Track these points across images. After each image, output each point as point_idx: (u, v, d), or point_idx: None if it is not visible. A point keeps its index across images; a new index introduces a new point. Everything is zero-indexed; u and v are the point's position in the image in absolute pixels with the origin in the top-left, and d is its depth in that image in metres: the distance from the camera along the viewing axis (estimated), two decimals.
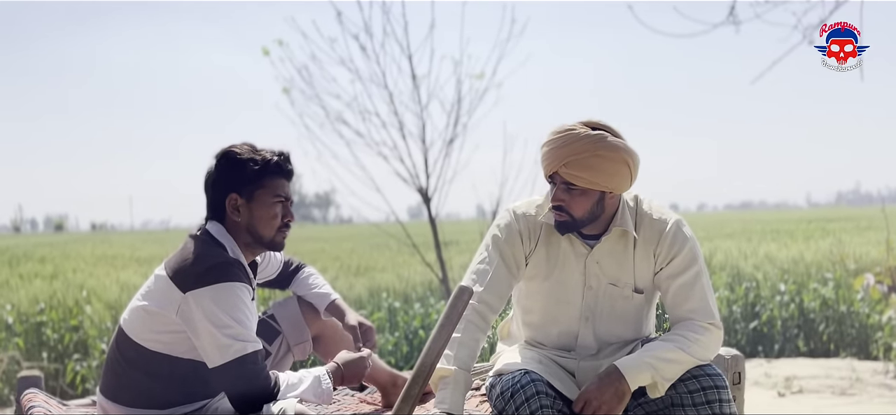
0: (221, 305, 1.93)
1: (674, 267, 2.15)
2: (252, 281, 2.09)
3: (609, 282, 2.18)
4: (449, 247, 7.65)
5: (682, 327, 2.10)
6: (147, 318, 2.01)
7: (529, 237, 2.20)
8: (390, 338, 6.45)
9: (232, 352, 1.93)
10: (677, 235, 2.17)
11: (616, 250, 2.18)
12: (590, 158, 2.03)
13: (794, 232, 15.51)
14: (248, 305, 2.00)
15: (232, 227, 2.09)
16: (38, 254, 14.51)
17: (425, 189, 5.53)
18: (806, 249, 10.43)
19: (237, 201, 2.08)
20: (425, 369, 1.82)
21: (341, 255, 13.49)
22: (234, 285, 1.96)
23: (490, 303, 2.14)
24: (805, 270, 8.45)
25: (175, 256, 2.04)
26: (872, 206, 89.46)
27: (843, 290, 7.24)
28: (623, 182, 2.10)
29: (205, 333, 1.94)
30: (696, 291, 2.13)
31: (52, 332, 6.59)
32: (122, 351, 2.06)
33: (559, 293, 2.20)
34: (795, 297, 7.43)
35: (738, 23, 4.51)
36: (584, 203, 2.09)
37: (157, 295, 2.01)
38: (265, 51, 4.87)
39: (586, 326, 2.21)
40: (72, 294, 7.57)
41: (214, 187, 2.10)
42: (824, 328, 7.16)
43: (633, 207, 2.21)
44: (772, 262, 9.08)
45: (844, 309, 7.07)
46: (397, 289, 8.20)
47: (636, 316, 2.23)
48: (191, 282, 1.95)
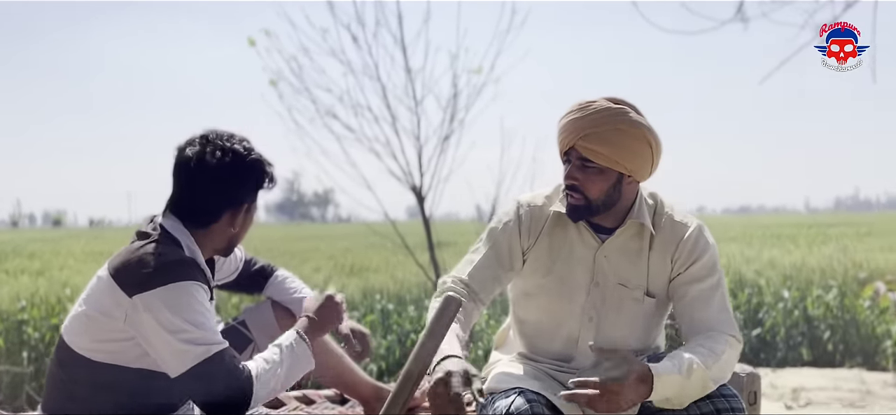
0: (175, 309, 1.71)
1: (693, 272, 1.96)
2: (210, 281, 1.87)
3: (618, 281, 1.99)
4: (445, 248, 7.45)
5: (704, 338, 1.88)
6: (90, 325, 1.79)
7: (530, 230, 2.02)
8: (383, 341, 6.27)
9: (193, 357, 1.71)
10: (699, 239, 1.99)
11: (630, 248, 1.99)
12: (610, 131, 1.87)
13: (796, 237, 15.35)
14: (205, 305, 1.78)
15: (202, 231, 1.86)
16: (29, 250, 14.31)
17: (419, 187, 5.32)
18: (808, 254, 10.25)
19: (241, 214, 1.88)
20: (410, 380, 1.63)
21: (336, 254, 13.29)
22: (187, 284, 1.74)
23: (471, 287, 1.99)
24: (808, 276, 8.26)
25: (120, 255, 1.81)
26: (871, 212, 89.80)
27: (848, 297, 7.06)
28: (644, 165, 1.92)
29: (159, 341, 1.72)
30: (715, 300, 1.94)
31: (34, 330, 6.37)
32: (62, 363, 1.84)
33: (561, 289, 2.01)
34: (799, 304, 7.25)
35: (746, 20, 4.40)
36: (600, 184, 1.91)
37: (100, 299, 1.78)
38: (251, 41, 4.67)
39: (589, 327, 2.01)
40: (55, 291, 7.36)
41: (215, 189, 1.83)
42: (830, 337, 6.98)
43: (652, 204, 2.03)
44: (774, 267, 8.89)
45: (849, 317, 6.89)
46: (391, 290, 8.00)
47: (645, 323, 2.04)
48: (138, 284, 1.72)
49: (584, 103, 1.93)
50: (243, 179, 1.84)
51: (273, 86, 4.98)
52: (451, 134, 5.34)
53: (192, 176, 1.82)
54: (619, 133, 1.88)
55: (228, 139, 1.85)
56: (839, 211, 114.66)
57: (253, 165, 1.85)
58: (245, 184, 1.85)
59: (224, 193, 1.84)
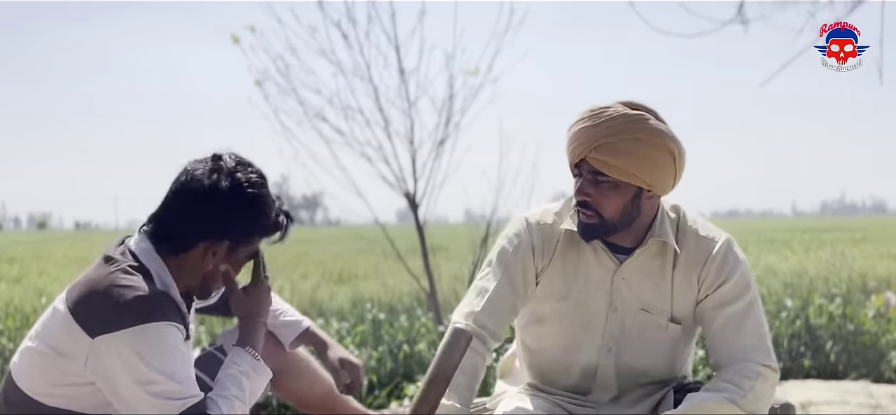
0: (145, 355, 1.47)
1: (723, 294, 1.74)
2: (186, 317, 1.62)
3: (640, 306, 1.78)
4: (437, 253, 7.24)
5: (732, 373, 1.68)
6: (43, 364, 1.54)
7: (543, 250, 1.79)
8: (374, 352, 6.04)
9: (165, 412, 1.48)
10: (728, 256, 1.76)
11: (651, 268, 1.77)
12: (627, 141, 1.64)
13: (790, 242, 15.25)
14: (180, 350, 1.54)
15: (174, 258, 1.61)
16: (10, 254, 13.97)
17: (412, 194, 5.09)
18: (807, 260, 10.10)
19: (218, 251, 1.62)
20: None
21: (325, 260, 13.04)
22: (159, 326, 1.49)
23: (487, 326, 1.74)
24: (809, 283, 8.09)
25: (81, 284, 1.56)
26: (857, 216, 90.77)
27: (851, 306, 6.88)
28: (665, 178, 1.69)
29: (126, 392, 1.48)
30: (748, 325, 1.72)
31: (8, 341, 6.09)
32: (10, 403, 1.58)
33: (577, 316, 1.79)
34: (801, 313, 7.07)
35: (746, 21, 4.28)
36: (615, 200, 1.69)
37: (56, 336, 1.53)
38: (235, 38, 4.43)
39: (608, 357, 1.80)
40: (31, 301, 7.07)
41: (198, 211, 1.58)
42: (832, 347, 6.79)
43: (674, 218, 1.80)
44: (775, 275, 8.72)
45: (853, 327, 6.71)
46: (382, 299, 7.76)
47: (670, 351, 1.82)
48: (102, 323, 1.48)
49: (597, 109, 1.70)
50: (234, 211, 1.59)
51: (258, 86, 4.73)
52: (447, 138, 5.11)
53: (180, 192, 1.60)
54: (637, 143, 1.65)
55: (238, 165, 1.61)
56: (826, 215, 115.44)
57: (252, 202, 1.59)
58: (233, 217, 1.59)
59: (205, 219, 1.58)
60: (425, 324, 5.96)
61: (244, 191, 1.58)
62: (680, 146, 1.70)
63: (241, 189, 1.58)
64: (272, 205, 1.63)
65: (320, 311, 7.25)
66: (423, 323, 6.09)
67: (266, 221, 1.63)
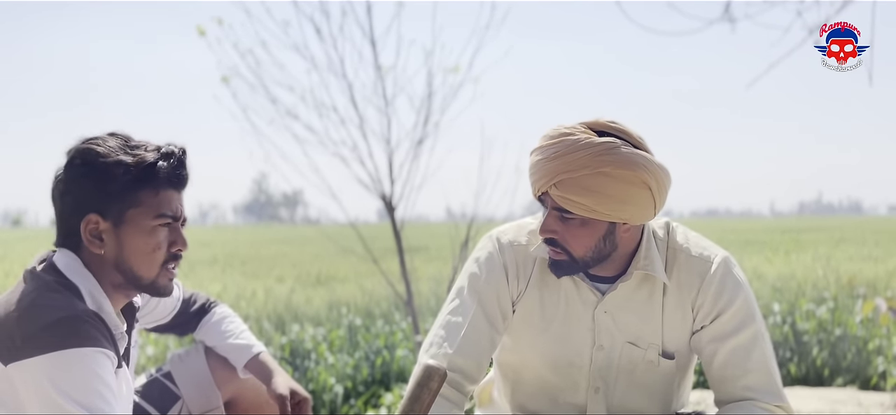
0: (62, 385, 1.26)
1: (722, 326, 1.54)
2: (118, 341, 1.41)
3: (627, 340, 1.57)
4: (416, 254, 7.02)
5: (737, 410, 1.50)
6: None
7: (517, 275, 1.57)
8: (350, 359, 5.83)
9: None
10: (726, 280, 1.55)
11: (637, 299, 1.56)
12: (591, 176, 1.41)
13: (772, 243, 15.23)
14: (106, 380, 1.32)
15: (92, 260, 1.42)
16: None
17: (389, 197, 4.87)
18: (790, 263, 10.02)
19: (99, 226, 1.40)
20: None
21: (303, 260, 12.79)
22: (84, 352, 1.29)
23: (464, 369, 1.52)
24: (797, 288, 7.98)
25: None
26: (834, 216, 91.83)
27: (839, 311, 6.77)
28: (642, 211, 1.46)
29: None
30: (753, 360, 1.52)
31: None
32: None
33: (559, 352, 1.58)
34: (788, 318, 6.95)
35: (733, 20, 4.20)
36: (584, 238, 1.47)
37: None
38: (200, 30, 4.18)
39: (596, 398, 1.60)
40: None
41: (64, 201, 1.42)
42: (818, 353, 6.68)
43: (663, 238, 1.58)
44: (760, 278, 8.60)
45: (840, 332, 6.61)
46: (359, 303, 7.54)
47: (664, 388, 1.63)
48: (15, 349, 1.28)
49: (557, 136, 1.45)
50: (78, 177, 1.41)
51: (225, 83, 4.48)
52: (426, 138, 4.88)
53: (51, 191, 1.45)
54: (604, 178, 1.41)
55: (91, 139, 1.44)
56: (803, 215, 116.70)
57: (82, 154, 1.41)
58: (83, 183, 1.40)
59: (69, 197, 1.42)
60: (403, 330, 5.76)
61: (94, 151, 1.40)
62: (658, 174, 1.46)
63: (92, 151, 1.40)
64: (134, 151, 1.41)
65: (295, 316, 7.02)
66: (401, 329, 5.90)
67: (131, 172, 1.40)
